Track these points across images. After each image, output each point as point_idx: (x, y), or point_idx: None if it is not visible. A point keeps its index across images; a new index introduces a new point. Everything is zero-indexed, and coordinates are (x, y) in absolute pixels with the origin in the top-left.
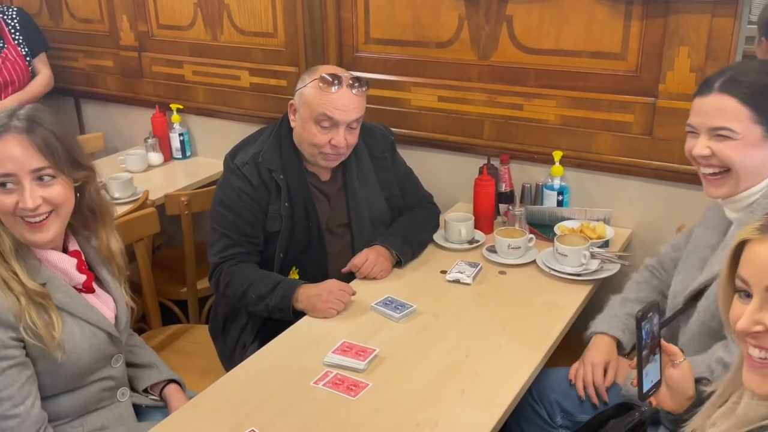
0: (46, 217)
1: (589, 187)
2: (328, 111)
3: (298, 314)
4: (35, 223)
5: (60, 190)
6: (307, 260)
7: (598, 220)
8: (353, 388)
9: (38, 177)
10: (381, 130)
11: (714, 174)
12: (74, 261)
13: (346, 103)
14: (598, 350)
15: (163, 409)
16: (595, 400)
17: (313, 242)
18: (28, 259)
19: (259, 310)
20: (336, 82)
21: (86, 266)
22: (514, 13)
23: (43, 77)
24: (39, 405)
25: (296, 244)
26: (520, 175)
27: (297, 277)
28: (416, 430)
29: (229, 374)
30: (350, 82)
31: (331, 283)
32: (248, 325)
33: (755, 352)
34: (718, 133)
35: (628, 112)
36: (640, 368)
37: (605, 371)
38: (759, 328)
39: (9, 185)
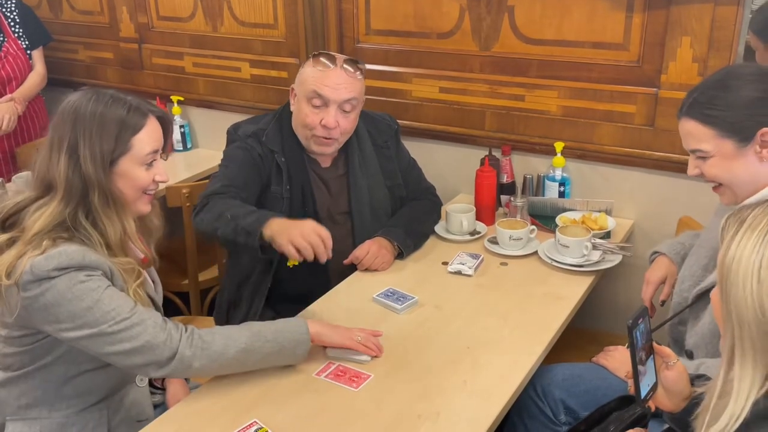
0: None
1: (591, 178)
2: (318, 88)
3: (265, 250)
4: (151, 194)
5: None
6: None
7: (599, 211)
8: (355, 379)
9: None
10: (385, 119)
11: (714, 186)
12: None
13: (337, 82)
14: (655, 269)
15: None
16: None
17: None
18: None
19: (228, 231)
20: (329, 60)
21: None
22: (515, 4)
23: (37, 75)
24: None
25: None
26: (521, 166)
27: (296, 262)
28: (418, 421)
29: None
30: (344, 62)
31: (309, 225)
32: (250, 312)
33: None
34: (696, 155)
35: (630, 103)
36: (635, 375)
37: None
38: None
39: (152, 163)
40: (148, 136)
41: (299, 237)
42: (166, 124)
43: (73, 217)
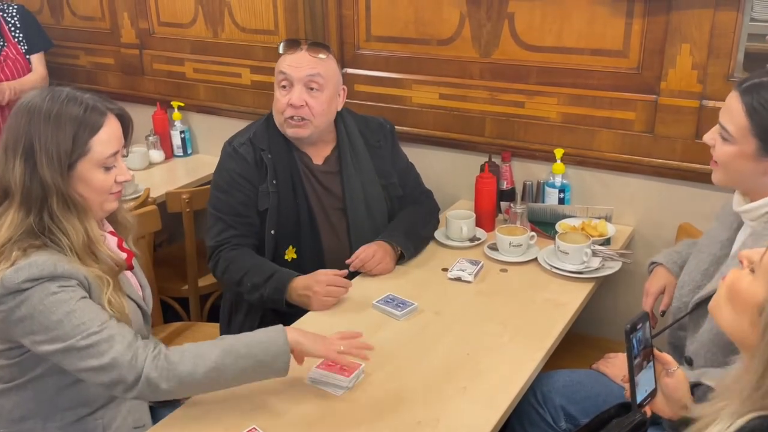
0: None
1: (591, 184)
2: (282, 68)
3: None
4: (117, 192)
5: None
6: (302, 239)
7: (599, 218)
8: (347, 369)
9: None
10: (378, 120)
11: (714, 161)
12: (115, 239)
13: (300, 61)
14: (654, 280)
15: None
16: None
17: (303, 220)
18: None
19: (254, 299)
20: (293, 44)
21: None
22: (515, 11)
23: (37, 74)
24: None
25: (286, 221)
26: (521, 172)
27: (295, 256)
28: (418, 428)
29: None
30: (308, 46)
31: (321, 277)
32: (249, 315)
33: None
34: (721, 130)
35: (630, 110)
36: (631, 379)
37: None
38: None
39: (112, 166)
40: (107, 137)
41: (318, 305)
42: (125, 122)
43: (39, 223)
